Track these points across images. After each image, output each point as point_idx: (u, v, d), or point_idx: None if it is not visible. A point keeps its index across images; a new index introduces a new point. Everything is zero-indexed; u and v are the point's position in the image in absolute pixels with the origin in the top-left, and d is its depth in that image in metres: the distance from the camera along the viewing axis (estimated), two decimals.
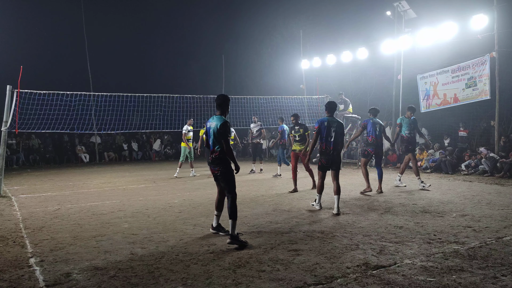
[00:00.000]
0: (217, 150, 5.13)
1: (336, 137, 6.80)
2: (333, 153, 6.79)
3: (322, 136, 6.80)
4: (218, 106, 5.29)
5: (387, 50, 15.89)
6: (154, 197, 8.82)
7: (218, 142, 5.11)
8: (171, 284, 3.72)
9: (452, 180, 11.00)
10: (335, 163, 6.87)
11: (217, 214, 5.48)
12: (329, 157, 6.80)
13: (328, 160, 6.82)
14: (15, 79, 9.56)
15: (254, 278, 3.80)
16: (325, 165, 6.88)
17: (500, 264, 4.07)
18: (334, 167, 6.87)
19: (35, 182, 12.22)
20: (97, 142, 20.84)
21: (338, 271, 3.97)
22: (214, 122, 5.19)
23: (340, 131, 6.88)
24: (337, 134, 6.83)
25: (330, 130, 6.80)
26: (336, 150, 6.82)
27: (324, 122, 6.85)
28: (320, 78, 17.48)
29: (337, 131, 6.84)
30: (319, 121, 6.96)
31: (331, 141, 6.78)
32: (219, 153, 5.11)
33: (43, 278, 3.90)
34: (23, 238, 5.43)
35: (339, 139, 6.86)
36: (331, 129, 6.81)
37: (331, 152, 6.77)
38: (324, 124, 6.83)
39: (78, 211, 7.29)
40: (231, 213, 5.00)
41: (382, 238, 5.11)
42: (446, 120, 15.75)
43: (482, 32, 12.70)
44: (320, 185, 7.01)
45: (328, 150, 6.78)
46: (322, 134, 6.81)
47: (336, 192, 6.79)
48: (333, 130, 6.80)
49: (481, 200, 7.74)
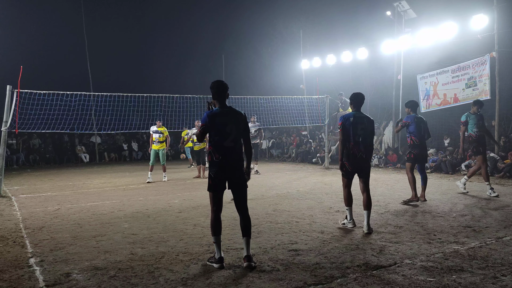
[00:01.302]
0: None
1: (365, 137, 5.58)
2: (361, 156, 5.56)
3: (349, 135, 5.55)
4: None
5: (387, 50, 15.90)
6: (154, 197, 8.83)
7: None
8: (171, 284, 3.72)
9: (452, 180, 10.99)
10: (364, 169, 5.64)
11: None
12: (356, 161, 5.57)
13: (355, 165, 5.59)
14: (15, 79, 9.56)
15: (254, 278, 3.80)
16: (350, 171, 5.65)
17: (500, 264, 4.07)
18: (362, 174, 5.65)
19: (35, 182, 12.22)
20: (97, 142, 20.85)
21: (338, 271, 3.96)
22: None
23: (370, 129, 5.65)
24: (366, 133, 5.59)
25: (357, 128, 5.55)
26: (366, 153, 5.60)
27: (349, 118, 5.60)
28: (320, 78, 17.49)
29: (367, 129, 5.62)
30: (342, 117, 5.73)
31: (360, 141, 5.54)
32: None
33: (43, 278, 3.90)
34: (23, 238, 5.43)
35: (368, 139, 5.64)
36: (358, 126, 5.56)
37: (358, 155, 5.55)
38: (350, 121, 5.58)
39: (78, 211, 7.29)
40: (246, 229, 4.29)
41: (382, 238, 5.11)
42: (446, 120, 15.75)
43: (482, 32, 12.71)
44: (347, 195, 5.72)
45: (356, 153, 5.55)
46: (349, 133, 5.55)
47: (367, 206, 5.54)
48: (361, 128, 5.55)
49: (481, 200, 7.73)
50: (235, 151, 4.25)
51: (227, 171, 4.22)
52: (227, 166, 4.21)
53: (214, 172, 4.22)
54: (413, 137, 7.60)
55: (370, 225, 5.47)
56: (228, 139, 4.19)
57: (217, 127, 4.20)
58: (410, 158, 7.73)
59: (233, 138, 4.22)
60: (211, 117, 4.21)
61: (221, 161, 4.19)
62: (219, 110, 4.27)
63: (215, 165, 4.21)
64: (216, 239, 4.19)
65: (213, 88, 4.33)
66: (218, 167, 4.20)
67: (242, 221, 4.29)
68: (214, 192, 4.25)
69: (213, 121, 4.20)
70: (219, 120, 4.20)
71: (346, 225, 5.72)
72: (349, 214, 5.72)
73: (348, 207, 5.72)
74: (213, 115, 4.22)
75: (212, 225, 4.23)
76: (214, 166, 4.22)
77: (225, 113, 4.26)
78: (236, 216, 6.42)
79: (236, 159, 4.26)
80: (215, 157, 4.19)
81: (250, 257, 4.13)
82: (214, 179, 4.22)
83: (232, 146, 4.22)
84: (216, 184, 4.22)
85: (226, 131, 4.19)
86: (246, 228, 4.25)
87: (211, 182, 4.25)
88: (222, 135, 4.19)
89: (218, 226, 4.23)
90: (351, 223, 5.70)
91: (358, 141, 5.52)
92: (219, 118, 4.21)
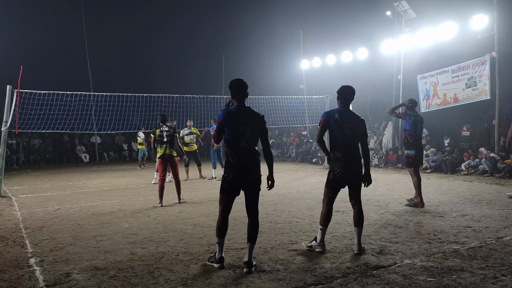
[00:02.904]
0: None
1: (353, 139, 4.58)
2: (352, 163, 4.56)
3: (336, 136, 4.58)
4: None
5: (387, 50, 15.90)
6: (154, 197, 8.82)
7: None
8: (171, 284, 3.72)
9: (452, 180, 10.99)
10: (355, 179, 4.61)
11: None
12: (348, 168, 4.54)
13: (347, 173, 4.54)
14: (15, 79, 9.56)
15: (254, 278, 3.80)
16: (340, 179, 4.56)
17: (500, 264, 4.07)
18: (353, 185, 4.63)
19: (35, 182, 12.23)
20: (97, 142, 20.86)
21: (338, 271, 3.96)
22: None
23: (361, 130, 4.65)
24: (354, 133, 4.59)
25: (344, 128, 4.55)
26: (355, 157, 4.58)
27: (334, 115, 4.60)
28: (320, 78, 17.49)
29: (355, 129, 4.61)
30: (326, 113, 4.71)
31: (350, 143, 4.56)
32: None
33: (43, 278, 3.90)
34: (23, 238, 5.43)
35: (357, 141, 4.63)
36: (344, 126, 4.56)
37: (349, 159, 4.54)
38: (335, 118, 4.58)
39: (78, 211, 7.29)
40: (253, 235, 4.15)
41: (382, 238, 5.11)
42: (446, 120, 15.75)
43: (482, 32, 12.71)
44: (326, 212, 4.64)
45: (347, 157, 4.54)
46: (335, 133, 4.58)
47: (358, 222, 4.60)
48: (348, 128, 4.56)
49: (481, 200, 7.73)
50: (250, 152, 4.06)
51: (243, 173, 4.04)
52: (243, 168, 4.03)
53: (231, 173, 4.03)
54: (407, 135, 7.34)
55: (361, 244, 4.55)
56: (242, 139, 4.01)
57: (231, 126, 4.02)
58: (410, 163, 7.37)
59: (247, 139, 4.04)
60: (226, 115, 4.03)
61: (237, 162, 4.02)
62: (235, 108, 4.08)
63: (232, 166, 4.04)
64: (220, 241, 4.11)
65: (232, 87, 4.13)
66: (235, 169, 4.03)
67: (250, 226, 4.12)
68: (227, 195, 4.10)
69: (227, 119, 4.02)
70: (233, 119, 4.02)
71: (313, 248, 4.60)
72: (321, 235, 4.59)
73: (323, 227, 4.61)
74: (228, 113, 4.04)
75: (218, 226, 4.12)
76: (231, 168, 4.04)
77: (242, 112, 4.06)
78: (236, 216, 6.44)
79: (252, 160, 4.07)
80: (231, 158, 4.04)
81: (251, 264, 3.99)
82: (230, 182, 4.05)
83: (247, 147, 4.04)
84: (231, 187, 4.06)
85: (240, 131, 4.01)
86: (253, 233, 4.09)
87: (226, 186, 4.07)
88: (236, 135, 4.01)
89: (223, 228, 4.13)
90: (320, 246, 4.56)
91: (348, 143, 4.55)
92: (234, 117, 4.03)
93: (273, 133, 22.28)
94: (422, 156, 8.00)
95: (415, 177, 7.30)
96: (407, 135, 7.38)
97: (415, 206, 7.18)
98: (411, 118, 7.30)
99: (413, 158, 7.34)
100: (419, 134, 7.43)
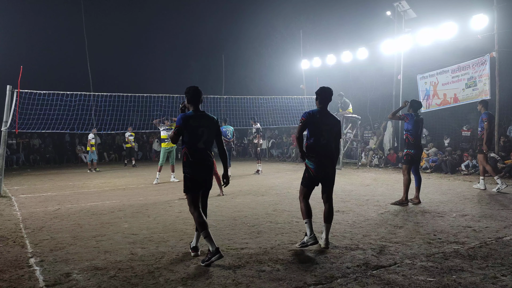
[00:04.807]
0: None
1: (329, 139, 4.83)
2: (326, 162, 4.83)
3: (315, 135, 4.83)
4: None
5: (387, 50, 15.88)
6: (154, 197, 8.82)
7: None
8: (171, 284, 3.72)
9: (452, 180, 11.00)
10: (330, 177, 4.89)
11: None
12: (322, 167, 4.82)
13: (321, 171, 4.81)
14: (15, 79, 9.56)
15: (254, 278, 3.80)
16: (314, 178, 4.85)
17: (500, 264, 4.07)
18: (327, 183, 4.91)
19: (35, 182, 12.23)
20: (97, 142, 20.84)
21: (338, 271, 3.96)
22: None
23: (335, 130, 4.91)
24: (330, 134, 4.84)
25: (322, 129, 4.81)
26: (329, 157, 4.86)
27: (316, 115, 4.85)
28: (320, 78, 17.49)
29: (332, 130, 4.87)
30: (307, 113, 4.90)
31: (325, 144, 4.81)
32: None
33: (43, 278, 3.90)
34: (23, 238, 5.43)
35: (333, 142, 4.88)
36: (322, 127, 4.82)
37: (324, 160, 4.83)
38: (316, 118, 4.83)
39: (78, 211, 7.29)
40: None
41: (382, 238, 5.11)
42: (446, 120, 15.75)
43: (482, 32, 12.70)
44: (305, 207, 4.85)
45: (322, 156, 4.82)
46: (314, 132, 4.83)
47: (327, 219, 4.85)
48: (325, 129, 4.81)
49: (481, 200, 7.73)
50: (206, 152, 4.49)
51: (202, 171, 4.45)
52: (200, 167, 4.44)
53: (189, 172, 4.43)
54: (409, 136, 7.45)
55: (328, 240, 4.80)
56: (200, 141, 4.42)
57: (190, 129, 4.39)
58: (407, 160, 7.49)
59: (205, 140, 4.45)
60: (185, 120, 4.39)
61: (196, 161, 4.41)
62: (193, 113, 4.47)
63: (191, 165, 4.43)
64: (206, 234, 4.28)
65: (189, 93, 4.53)
66: (194, 167, 4.42)
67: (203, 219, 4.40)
68: (192, 192, 4.44)
69: (186, 123, 4.39)
70: (192, 122, 4.40)
71: (306, 243, 4.71)
72: (309, 228, 4.74)
73: (308, 220, 4.77)
74: (187, 117, 4.42)
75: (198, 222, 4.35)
76: (190, 167, 4.43)
77: (198, 116, 4.47)
78: (236, 216, 6.45)
79: (208, 160, 4.50)
80: (191, 157, 4.40)
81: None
82: (190, 179, 4.43)
83: (204, 148, 4.46)
84: (192, 184, 4.43)
85: (198, 133, 4.41)
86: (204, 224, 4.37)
87: (190, 184, 4.44)
88: (194, 137, 4.40)
89: (204, 222, 4.33)
90: (312, 238, 4.69)
91: (324, 144, 4.80)
92: (193, 121, 4.41)
93: (273, 133, 22.28)
94: (421, 157, 8.09)
95: (406, 175, 7.51)
96: (408, 135, 7.48)
97: (401, 204, 7.35)
98: (413, 118, 7.42)
99: (411, 157, 7.48)
100: (420, 134, 7.56)
